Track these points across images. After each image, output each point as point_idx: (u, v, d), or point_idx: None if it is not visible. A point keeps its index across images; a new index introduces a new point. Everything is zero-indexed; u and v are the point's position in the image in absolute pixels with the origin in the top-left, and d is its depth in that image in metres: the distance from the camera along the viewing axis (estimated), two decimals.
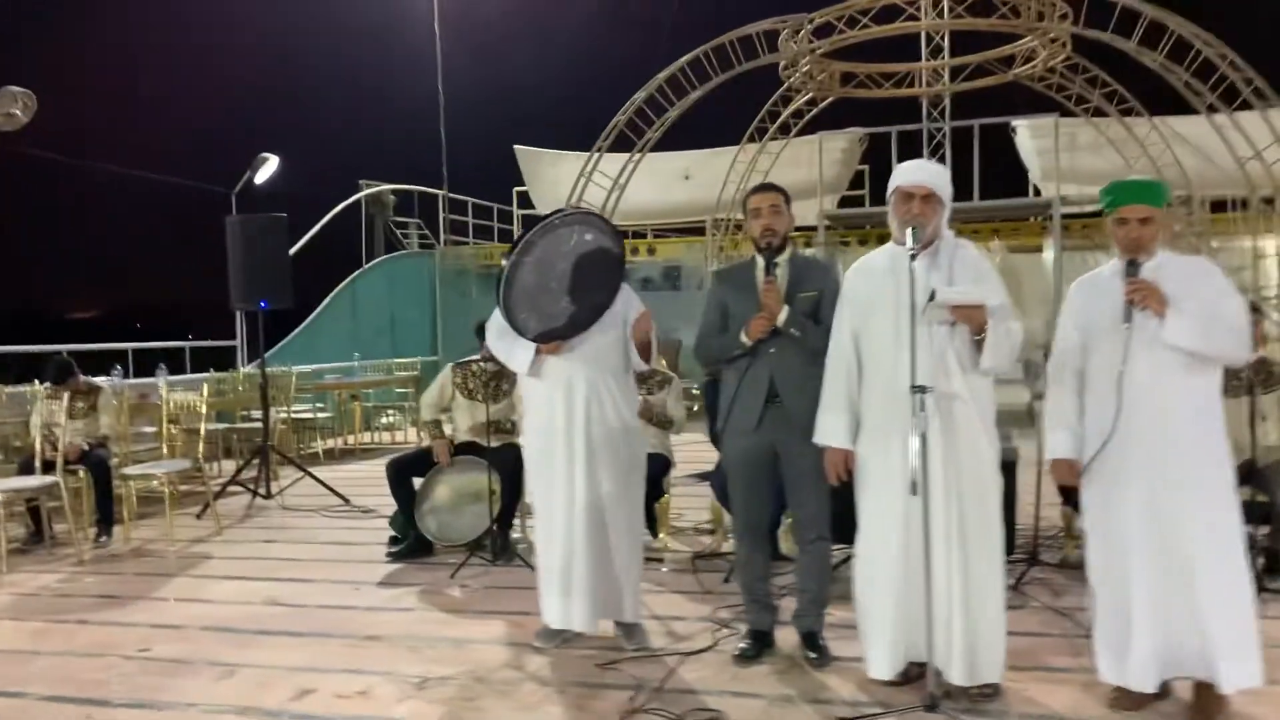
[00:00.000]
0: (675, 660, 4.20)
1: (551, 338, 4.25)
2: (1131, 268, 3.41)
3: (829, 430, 3.81)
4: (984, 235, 14.97)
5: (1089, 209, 13.26)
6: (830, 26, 8.41)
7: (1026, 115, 13.00)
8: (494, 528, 6.07)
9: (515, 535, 6.24)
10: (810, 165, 13.04)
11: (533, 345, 4.26)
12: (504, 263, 4.19)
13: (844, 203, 14.26)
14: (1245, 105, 7.81)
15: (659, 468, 6.19)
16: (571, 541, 4.25)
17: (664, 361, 6.35)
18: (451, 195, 17.02)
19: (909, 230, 3.58)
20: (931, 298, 3.50)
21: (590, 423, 4.26)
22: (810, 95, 10.22)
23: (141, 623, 5.04)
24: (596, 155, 8.81)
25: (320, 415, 11.11)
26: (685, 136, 9.03)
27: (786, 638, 4.25)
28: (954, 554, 3.53)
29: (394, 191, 16.83)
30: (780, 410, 4.04)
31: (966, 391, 3.56)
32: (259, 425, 10.44)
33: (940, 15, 7.76)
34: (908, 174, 3.71)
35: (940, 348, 3.58)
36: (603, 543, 4.28)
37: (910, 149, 12.51)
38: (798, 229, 15.13)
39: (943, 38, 9.88)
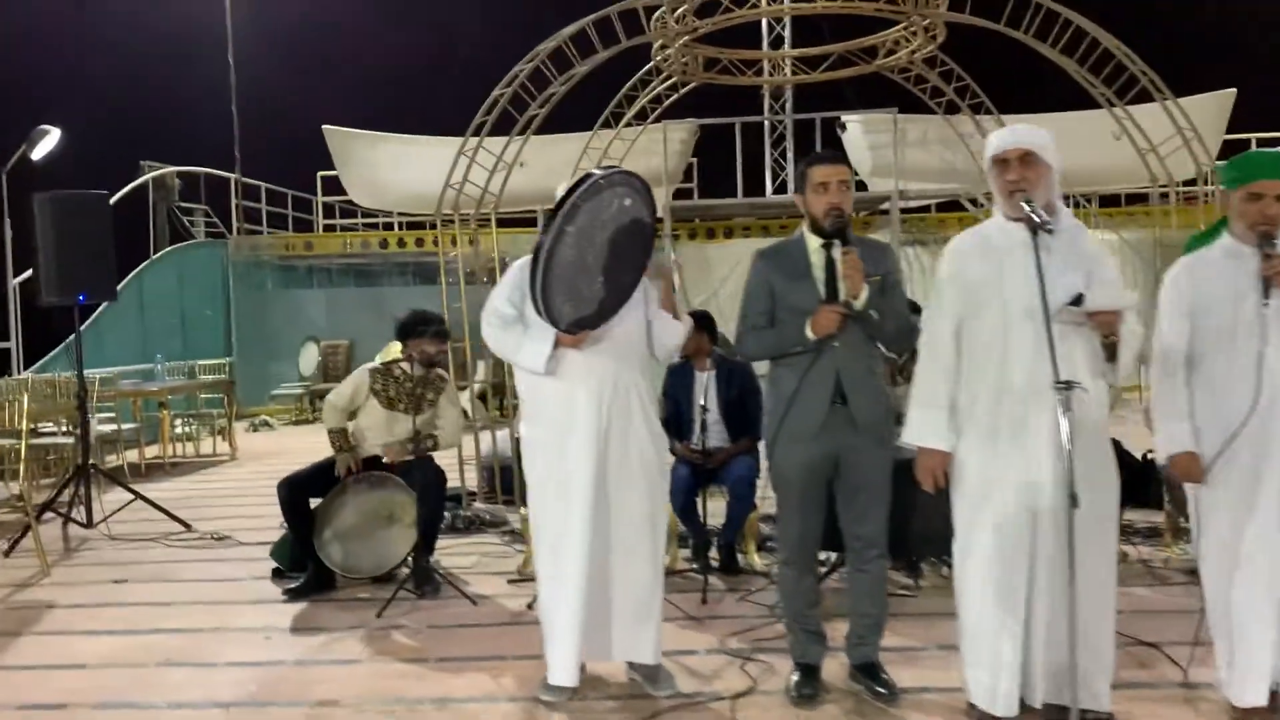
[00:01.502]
0: (725, 706, 3.61)
1: (581, 326, 3.55)
2: (1268, 243, 3.13)
3: (928, 429, 3.35)
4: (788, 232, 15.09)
5: (914, 204, 13.55)
6: (715, 5, 8.00)
7: (860, 110, 13.12)
8: (414, 555, 5.25)
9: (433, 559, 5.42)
10: (650, 154, 12.61)
11: (550, 336, 3.54)
12: (541, 236, 3.45)
13: (677, 195, 13.93)
14: (1142, 97, 8.02)
15: None
16: (591, 574, 3.57)
17: None
18: (245, 179, 15.48)
19: (1022, 201, 3.16)
20: (1078, 301, 3.08)
21: (617, 429, 3.60)
22: (672, 80, 9.80)
23: None
24: (476, 139, 7.96)
25: (125, 427, 9.65)
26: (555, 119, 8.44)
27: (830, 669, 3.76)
28: (1071, 568, 3.14)
29: (179, 174, 15.12)
30: (845, 413, 3.54)
31: (1088, 393, 3.18)
32: (58, 441, 8.97)
33: None
34: (998, 139, 3.31)
35: (1066, 344, 3.17)
36: (626, 573, 3.64)
37: (754, 141, 12.39)
38: None
39: (817, 27, 9.69)
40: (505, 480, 7.20)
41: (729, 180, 13.61)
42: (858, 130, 13.60)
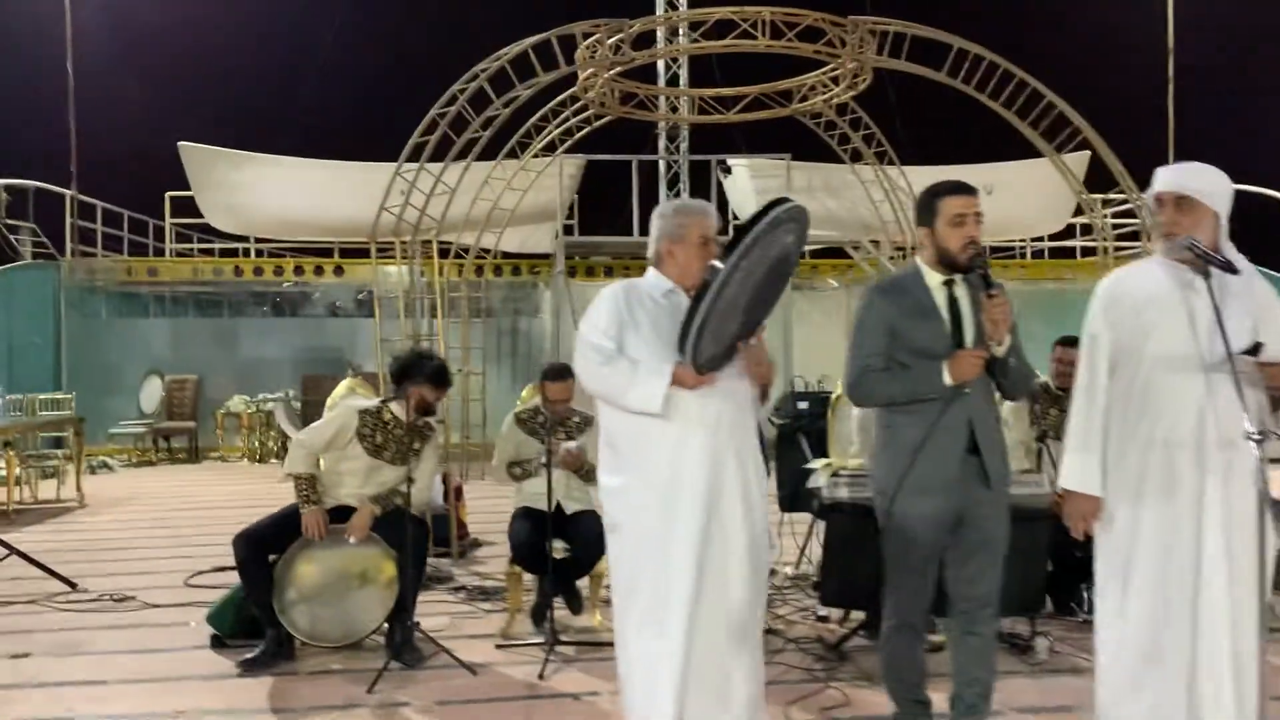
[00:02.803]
0: None
1: (713, 366, 3.14)
2: None
3: (1083, 474, 3.13)
4: None
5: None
6: (650, 37, 7.77)
7: (746, 155, 13.14)
8: (392, 620, 4.64)
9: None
10: (538, 189, 12.19)
11: (666, 374, 3.11)
12: (718, 265, 3.01)
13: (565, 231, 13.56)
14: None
15: (596, 529, 5.08)
16: (696, 648, 3.13)
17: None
18: (81, 197, 14.09)
19: (1188, 244, 2.99)
20: (1255, 350, 2.92)
21: (733, 482, 3.19)
22: (588, 113, 9.49)
23: None
24: (416, 165, 7.39)
25: None
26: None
27: None
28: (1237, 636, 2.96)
29: (5, 187, 13.62)
30: (976, 465, 3.27)
31: (1244, 450, 3.02)
32: None
33: (777, 38, 7.38)
34: (1158, 177, 3.14)
35: (1223, 395, 3.01)
36: (738, 646, 3.21)
37: (649, 180, 12.19)
38: (535, 256, 14.39)
39: (713, 68, 9.58)
40: (439, 531, 6.60)
41: (612, 218, 13.37)
42: (744, 174, 13.64)
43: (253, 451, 13.20)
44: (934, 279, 3.36)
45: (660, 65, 11.18)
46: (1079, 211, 15.04)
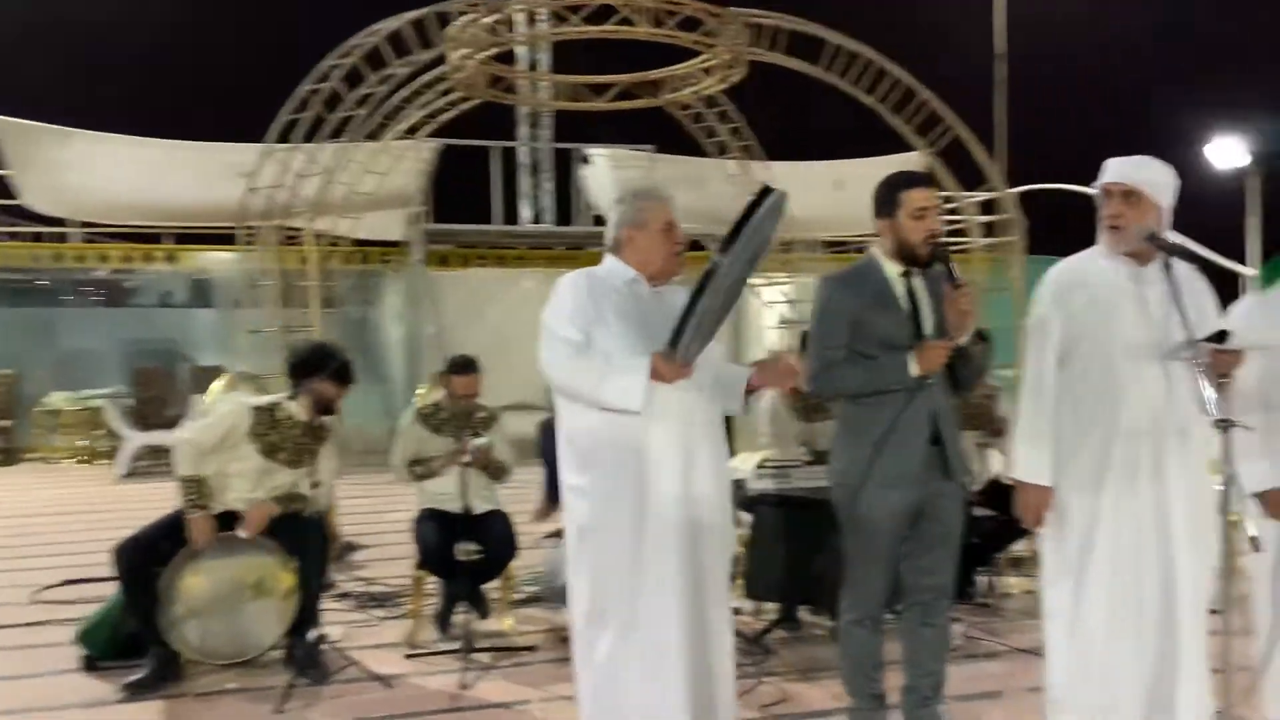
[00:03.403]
0: None
1: (693, 358, 2.98)
2: None
3: (1035, 465, 3.15)
4: (545, 262, 14.79)
5: None
6: (524, 19, 7.54)
7: (611, 145, 13.05)
8: (293, 633, 4.32)
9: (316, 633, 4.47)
10: (400, 173, 11.70)
11: (644, 367, 2.94)
12: (719, 258, 2.83)
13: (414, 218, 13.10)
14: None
15: (506, 530, 4.88)
16: (682, 651, 2.99)
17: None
18: None
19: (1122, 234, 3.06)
20: (1222, 338, 2.98)
21: (707, 480, 3.06)
22: (453, 95, 9.14)
23: None
24: (287, 145, 6.93)
25: None
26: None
27: None
28: (1198, 620, 3.04)
29: None
30: (938, 456, 3.25)
31: (1197, 436, 3.10)
32: None
33: (657, 25, 7.29)
34: (1106, 169, 3.18)
35: (1179, 382, 3.08)
36: (711, 645, 3.08)
37: (509, 166, 11.90)
38: (382, 243, 13.81)
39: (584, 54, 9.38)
40: None
41: (470, 207, 13.02)
42: (605, 165, 13.53)
43: (79, 452, 12.23)
44: (893, 270, 3.32)
45: (522, 51, 10.92)
46: None
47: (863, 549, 3.28)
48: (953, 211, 14.93)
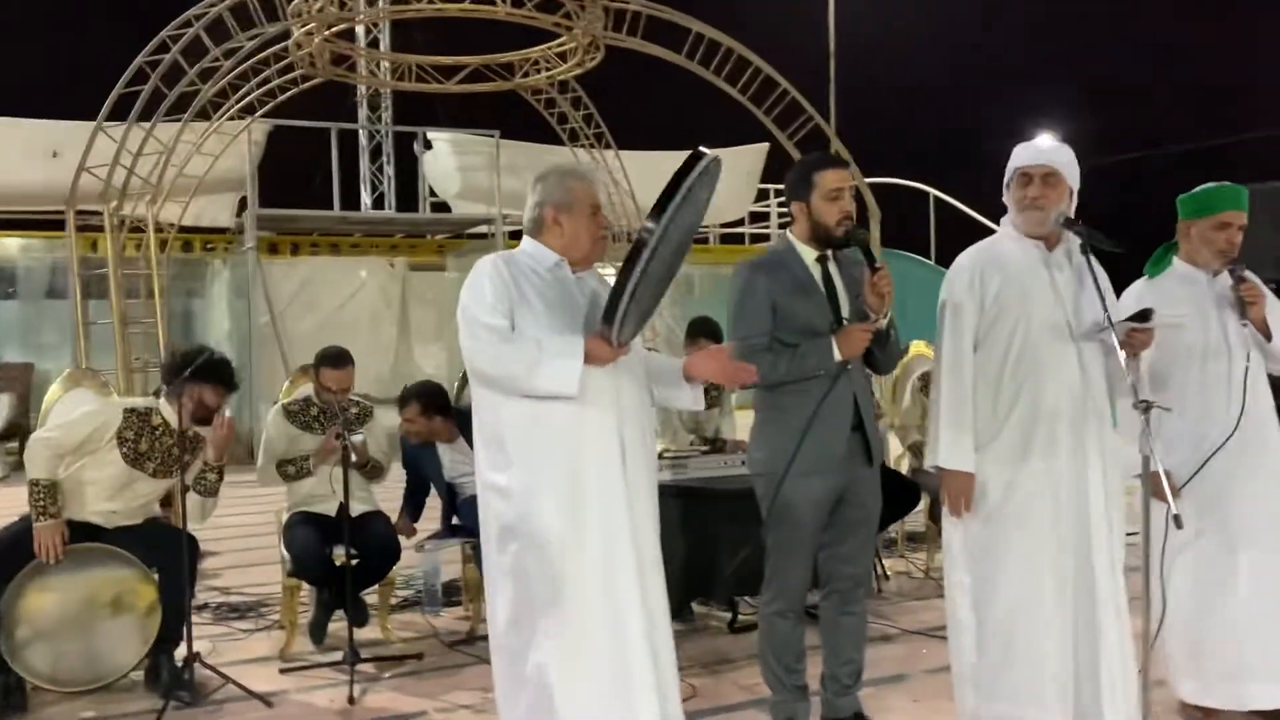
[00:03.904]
0: None
1: (629, 338, 2.82)
2: (1238, 268, 3.37)
3: (960, 451, 3.13)
4: (383, 250, 14.31)
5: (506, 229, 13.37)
6: None
7: (454, 129, 12.68)
8: (155, 652, 3.96)
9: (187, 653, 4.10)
10: (225, 155, 11.00)
11: (578, 350, 2.77)
12: (648, 224, 2.64)
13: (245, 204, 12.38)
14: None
15: (388, 532, 4.61)
16: (629, 644, 2.84)
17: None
18: None
19: (1063, 219, 3.11)
20: (1146, 317, 3.05)
21: (641, 468, 2.92)
22: (294, 74, 8.63)
23: None
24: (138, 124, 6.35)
25: None
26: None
27: None
28: (1118, 595, 3.12)
29: None
30: (859, 441, 3.23)
31: (1109, 416, 3.19)
32: None
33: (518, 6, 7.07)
34: (1025, 153, 3.21)
35: (1096, 364, 3.15)
36: (656, 637, 2.93)
37: (349, 150, 11.38)
38: (208, 230, 12.96)
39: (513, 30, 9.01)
40: None
41: (307, 191, 12.40)
42: (446, 150, 13.16)
43: None
44: (809, 254, 3.28)
45: (360, 30, 10.45)
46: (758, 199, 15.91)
47: (786, 539, 3.22)
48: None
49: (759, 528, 4.50)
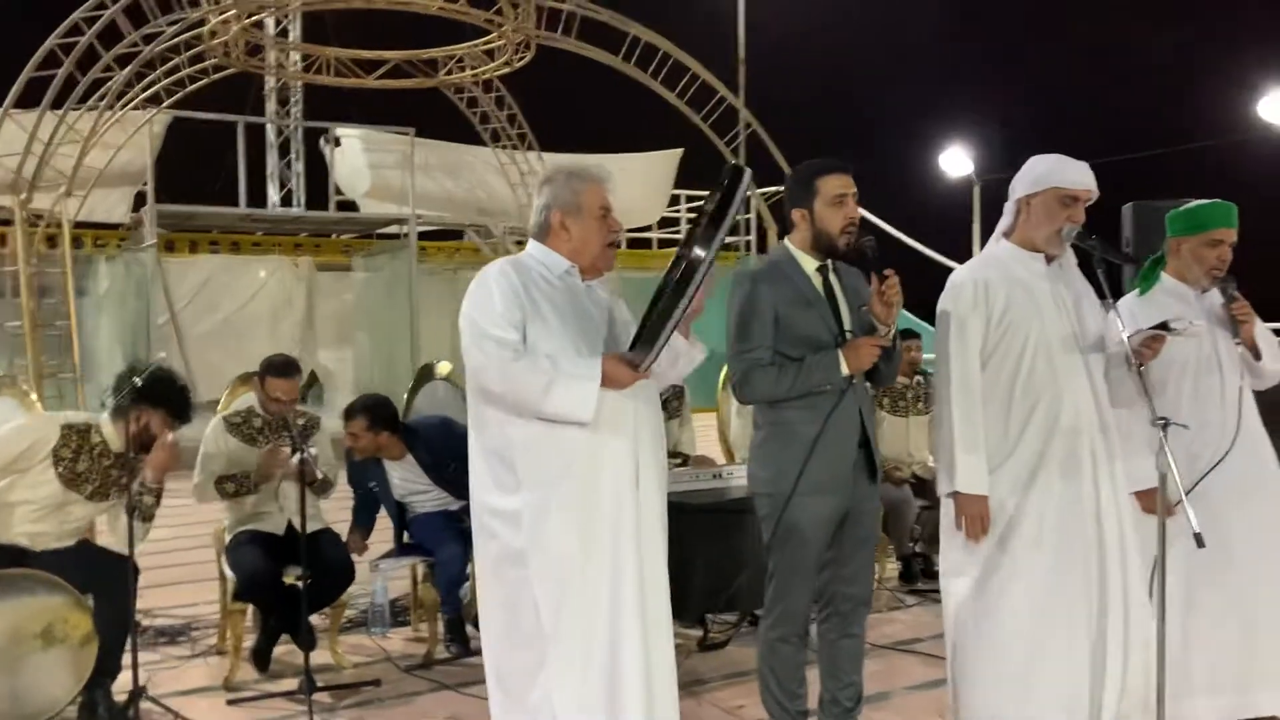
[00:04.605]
0: None
1: (650, 365, 2.65)
2: (1230, 285, 3.40)
3: (977, 474, 3.05)
4: (286, 249, 13.79)
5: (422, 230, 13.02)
6: None
7: (368, 126, 12.29)
8: (91, 688, 3.64)
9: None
10: (112, 149, 10.37)
11: (595, 373, 2.60)
12: (694, 248, 2.47)
13: (142, 197, 11.74)
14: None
15: (340, 550, 4.35)
16: (623, 674, 2.68)
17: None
18: None
19: (1078, 236, 3.08)
20: (1165, 329, 3.03)
21: (653, 492, 2.77)
22: (207, 63, 8.18)
23: None
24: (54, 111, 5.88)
25: None
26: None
27: None
28: (1133, 613, 3.09)
29: None
30: (863, 459, 3.14)
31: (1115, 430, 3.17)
32: None
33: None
34: (1076, 174, 3.12)
35: (1098, 377, 3.13)
36: (656, 666, 2.78)
37: (257, 144, 10.89)
38: (102, 225, 12.22)
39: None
40: None
41: (207, 187, 11.85)
42: (356, 147, 12.76)
43: None
44: (809, 264, 3.18)
45: (271, 21, 10.01)
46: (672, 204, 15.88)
47: (792, 561, 3.11)
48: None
49: (730, 543, 4.43)
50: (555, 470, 2.65)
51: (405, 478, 4.56)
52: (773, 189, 10.67)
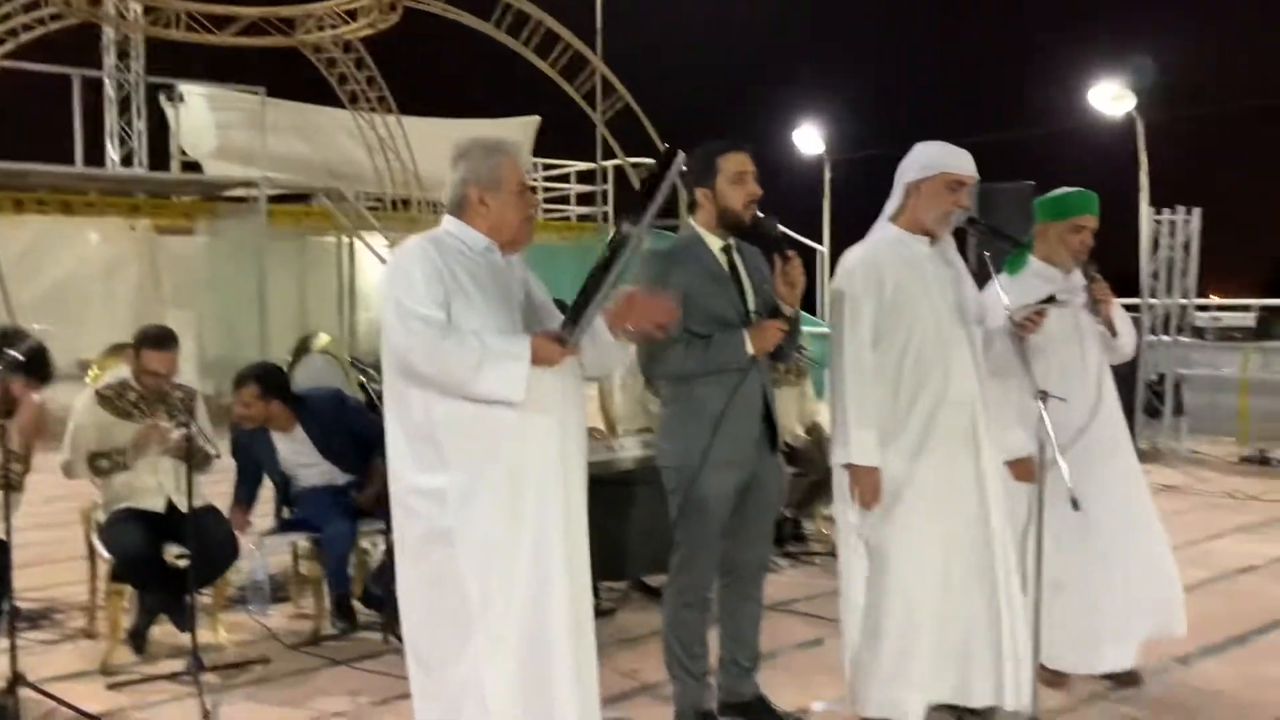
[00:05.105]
0: None
1: (579, 341, 2.68)
2: (1092, 268, 3.67)
3: (870, 448, 3.23)
4: (122, 211, 13.06)
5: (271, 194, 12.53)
6: None
7: (216, 84, 11.74)
8: None
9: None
10: None
11: (524, 351, 2.62)
12: (627, 228, 2.49)
13: None
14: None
15: (223, 527, 4.23)
16: (553, 648, 2.74)
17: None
18: None
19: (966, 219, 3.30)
20: (1051, 300, 3.25)
21: (576, 469, 2.82)
22: (44, 11, 7.63)
23: None
24: None
25: None
26: None
27: None
28: (1011, 576, 3.34)
29: None
30: (767, 432, 3.28)
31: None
32: None
33: None
34: (963, 161, 3.31)
35: (978, 352, 3.36)
36: (581, 639, 2.85)
37: (93, 99, 10.27)
38: None
39: None
40: None
41: (39, 144, 11.08)
42: (202, 105, 12.19)
43: None
44: (715, 243, 3.28)
45: None
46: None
47: (698, 532, 3.22)
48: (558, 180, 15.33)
49: (619, 514, 4.53)
50: (482, 450, 2.66)
51: (294, 450, 4.48)
52: (640, 159, 10.82)
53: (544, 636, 2.71)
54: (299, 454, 4.47)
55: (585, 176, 15.22)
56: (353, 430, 4.49)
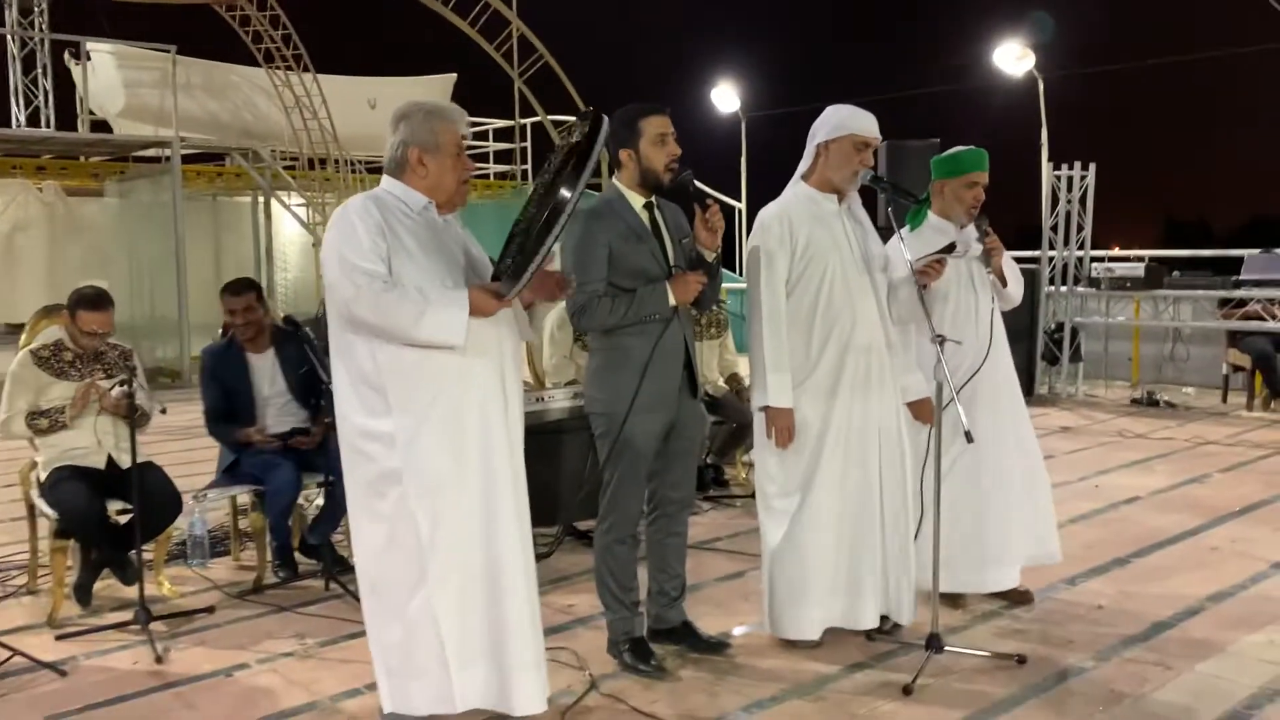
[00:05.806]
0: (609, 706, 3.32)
1: (512, 294, 2.87)
2: (984, 221, 3.96)
3: (784, 390, 3.51)
4: (27, 172, 12.75)
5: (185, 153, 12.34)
6: None
7: (124, 41, 11.50)
8: None
9: None
10: None
11: (463, 300, 2.80)
12: (565, 192, 2.68)
13: None
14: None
15: (165, 483, 4.34)
16: (507, 581, 2.96)
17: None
18: None
19: (872, 178, 3.57)
20: (951, 248, 3.54)
21: (517, 412, 3.03)
22: None
23: None
24: None
25: None
26: None
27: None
28: (908, 504, 3.66)
29: None
30: (688, 378, 3.52)
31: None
32: None
33: None
34: (868, 123, 3.59)
35: (882, 300, 3.65)
36: (528, 587, 3.06)
37: None
38: None
39: None
40: None
41: None
42: (109, 63, 11.94)
43: None
44: (637, 201, 3.49)
45: None
46: None
47: (626, 472, 3.45)
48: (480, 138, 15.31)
49: (550, 462, 4.75)
50: (426, 394, 2.85)
51: (262, 373, 4.60)
52: (562, 117, 10.87)
53: (495, 569, 2.92)
54: (266, 379, 4.58)
55: (503, 134, 15.28)
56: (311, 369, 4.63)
